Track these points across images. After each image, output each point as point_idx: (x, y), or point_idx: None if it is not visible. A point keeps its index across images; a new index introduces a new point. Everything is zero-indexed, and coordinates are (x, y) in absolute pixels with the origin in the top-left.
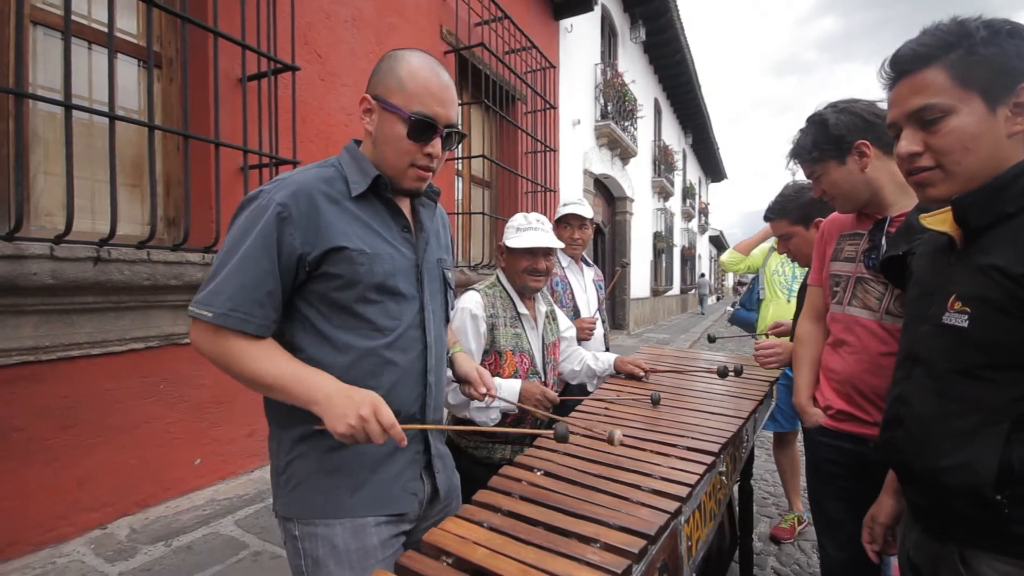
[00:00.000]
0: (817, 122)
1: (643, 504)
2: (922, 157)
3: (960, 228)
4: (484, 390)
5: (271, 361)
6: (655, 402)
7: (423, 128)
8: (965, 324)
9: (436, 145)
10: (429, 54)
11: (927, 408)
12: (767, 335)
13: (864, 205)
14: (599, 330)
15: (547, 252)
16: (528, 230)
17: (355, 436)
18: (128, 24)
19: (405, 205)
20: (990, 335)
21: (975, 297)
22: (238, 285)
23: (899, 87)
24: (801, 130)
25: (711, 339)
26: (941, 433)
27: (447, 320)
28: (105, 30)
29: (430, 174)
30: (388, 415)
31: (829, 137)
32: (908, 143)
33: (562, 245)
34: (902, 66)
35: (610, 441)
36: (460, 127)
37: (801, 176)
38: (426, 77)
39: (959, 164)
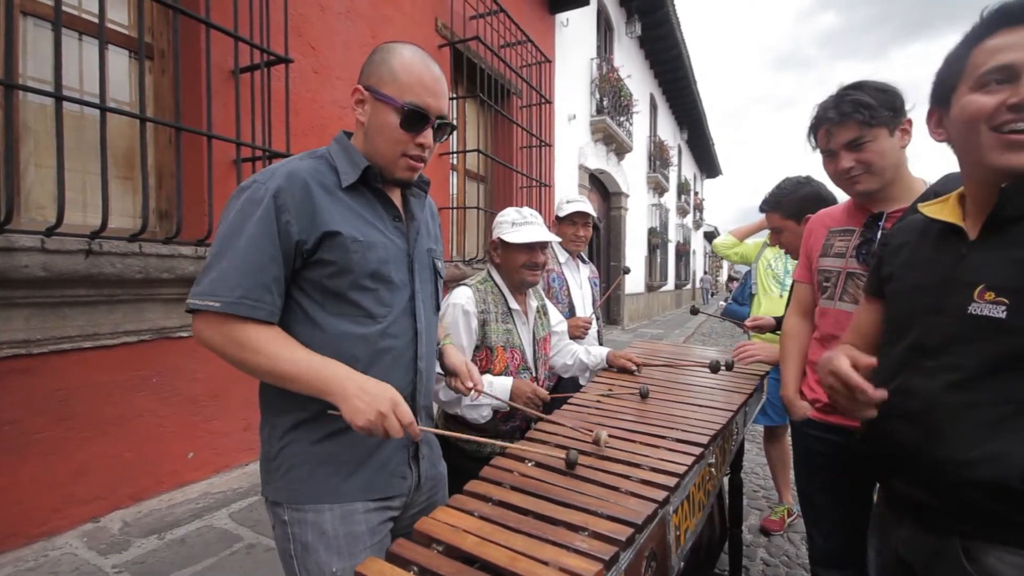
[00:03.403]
0: (876, 87)
1: (632, 494)
2: None
3: (989, 218)
4: (470, 384)
5: (285, 350)
6: (643, 395)
7: (416, 119)
8: (1003, 315)
9: (428, 136)
10: (421, 48)
11: (942, 400)
12: (748, 333)
13: (882, 188)
14: (593, 327)
15: (543, 245)
16: (525, 225)
17: (373, 431)
18: (119, 15)
19: (396, 196)
20: None
21: (1015, 289)
22: (244, 272)
23: None
24: (848, 94)
25: (693, 311)
26: (962, 425)
27: (437, 309)
28: (96, 21)
29: (421, 164)
30: (406, 412)
31: (892, 104)
32: None
33: (558, 239)
34: None
35: (596, 443)
36: (450, 119)
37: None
38: (419, 70)
39: None
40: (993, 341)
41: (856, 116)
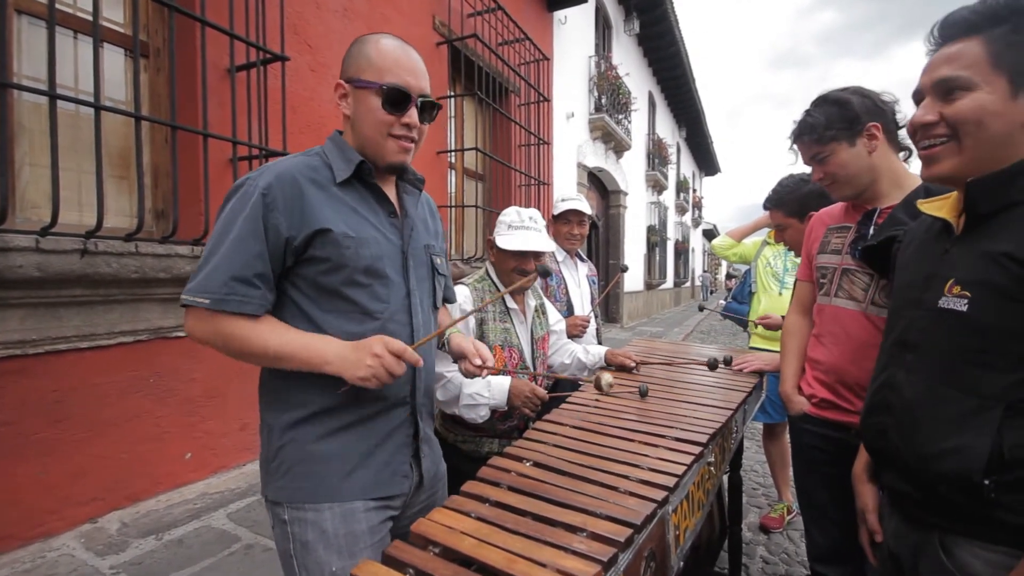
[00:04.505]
0: (833, 101)
1: (631, 494)
2: (937, 127)
3: (966, 213)
4: (479, 362)
5: (275, 333)
6: (643, 394)
7: (397, 98)
8: (964, 308)
9: (412, 115)
10: (399, 37)
11: (919, 394)
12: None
13: (862, 191)
14: (592, 326)
15: (537, 254)
16: (521, 229)
17: (376, 375)
18: (114, 13)
19: (391, 192)
20: (990, 319)
21: (976, 281)
22: (231, 269)
23: (937, 54)
24: (809, 111)
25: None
26: (933, 419)
27: (436, 307)
28: (90, 19)
29: (412, 145)
30: (397, 343)
31: (845, 116)
32: (924, 112)
33: (554, 248)
34: (947, 31)
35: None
36: (437, 102)
37: (798, 166)
38: (396, 53)
39: (970, 137)
40: (957, 334)
41: (805, 138)
